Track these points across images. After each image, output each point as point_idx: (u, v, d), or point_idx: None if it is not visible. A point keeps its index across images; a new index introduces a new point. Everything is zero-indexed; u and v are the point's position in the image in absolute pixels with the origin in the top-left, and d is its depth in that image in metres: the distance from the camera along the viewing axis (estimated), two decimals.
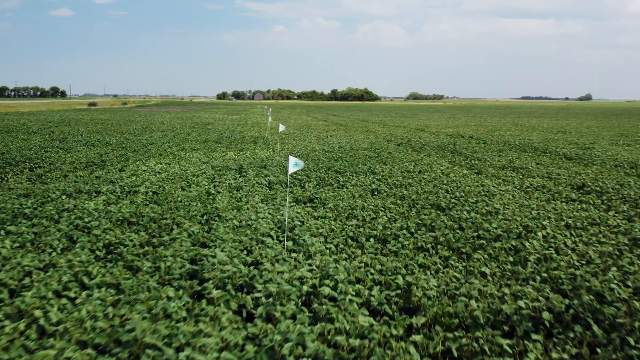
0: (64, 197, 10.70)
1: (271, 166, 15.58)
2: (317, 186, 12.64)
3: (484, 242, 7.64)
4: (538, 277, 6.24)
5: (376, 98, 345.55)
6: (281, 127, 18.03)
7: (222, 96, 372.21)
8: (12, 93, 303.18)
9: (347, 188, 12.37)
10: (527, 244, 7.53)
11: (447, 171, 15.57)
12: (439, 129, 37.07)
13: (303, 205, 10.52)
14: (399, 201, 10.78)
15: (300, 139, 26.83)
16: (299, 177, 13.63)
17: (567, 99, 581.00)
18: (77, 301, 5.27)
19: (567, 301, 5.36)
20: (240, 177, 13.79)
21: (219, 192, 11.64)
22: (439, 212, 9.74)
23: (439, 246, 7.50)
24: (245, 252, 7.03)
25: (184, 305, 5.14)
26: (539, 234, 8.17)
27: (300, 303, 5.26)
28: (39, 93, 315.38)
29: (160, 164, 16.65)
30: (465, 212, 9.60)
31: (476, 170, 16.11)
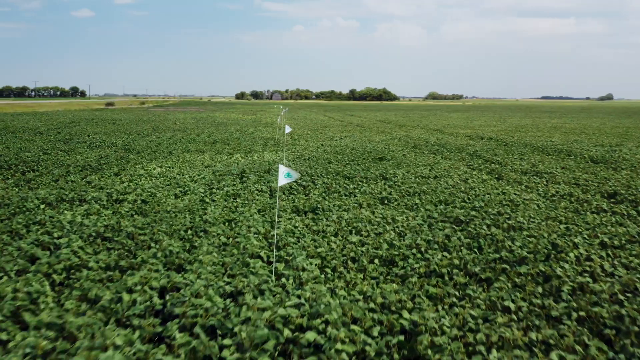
0: (42, 206, 9.77)
1: (276, 170, 14.57)
2: (324, 193, 11.62)
3: (507, 266, 6.53)
4: (574, 314, 5.15)
5: (395, 98, 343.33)
6: (287, 129, 17.01)
7: (241, 96, 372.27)
8: (33, 93, 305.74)
9: (355, 196, 11.34)
10: (557, 268, 6.41)
11: (465, 176, 14.46)
12: (458, 129, 35.83)
13: (304, 215, 9.51)
14: (410, 212, 9.71)
15: (313, 140, 25.81)
16: (304, 183, 12.61)
17: (587, 98, 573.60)
18: (10, 345, 4.30)
19: (611, 354, 4.29)
20: (240, 182, 12.80)
21: (213, 200, 10.66)
22: (454, 226, 8.64)
23: (454, 270, 6.42)
24: (226, 277, 6.02)
25: (134, 354, 4.14)
26: (571, 254, 7.05)
27: (277, 354, 4.23)
28: (58, 93, 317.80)
29: (161, 167, 15.74)
30: (484, 227, 8.49)
31: (496, 175, 14.97)
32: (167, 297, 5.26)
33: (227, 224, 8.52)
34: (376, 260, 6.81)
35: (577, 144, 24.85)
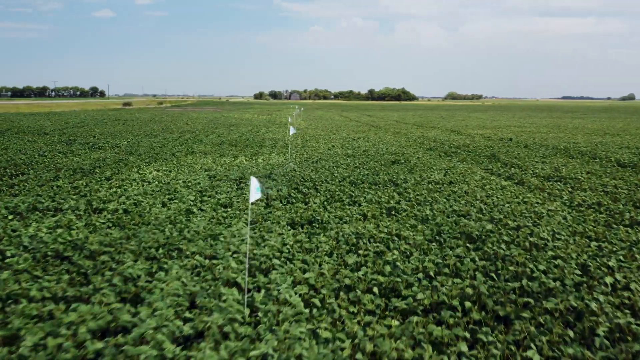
0: (10, 216, 8.83)
1: (278, 175, 13.55)
2: (327, 201, 10.59)
3: (529, 300, 5.42)
4: None
5: (413, 98, 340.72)
6: (292, 130, 15.99)
7: (259, 96, 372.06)
8: (53, 93, 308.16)
9: (359, 205, 10.28)
10: (592, 303, 5.28)
11: (482, 182, 13.32)
12: (476, 130, 34.55)
13: (300, 229, 8.47)
14: (419, 225, 8.62)
15: (325, 142, 24.75)
16: (306, 190, 11.56)
17: (609, 98, 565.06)
18: None
19: None
20: (237, 189, 11.80)
21: (202, 210, 9.66)
22: (468, 244, 7.53)
23: (466, 302, 5.34)
24: (189, 312, 4.99)
25: None
26: (607, 280, 5.94)
27: None
28: (78, 93, 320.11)
29: (158, 170, 14.80)
30: (503, 245, 7.36)
31: (516, 181, 13.81)
32: (101, 344, 4.22)
33: (208, 240, 7.47)
34: (375, 289, 5.74)
35: (602, 146, 23.52)
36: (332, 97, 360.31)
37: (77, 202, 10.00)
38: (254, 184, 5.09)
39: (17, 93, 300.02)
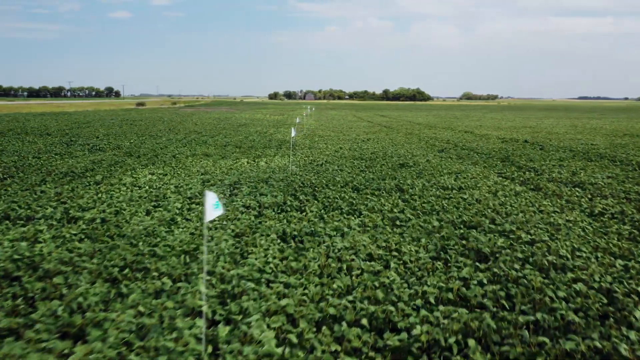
0: None
1: (276, 180, 12.72)
2: (324, 209, 9.77)
3: (545, 339, 4.54)
4: None
5: (428, 98, 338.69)
6: (293, 132, 15.18)
7: (274, 96, 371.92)
8: (68, 93, 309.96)
9: (360, 214, 9.44)
10: (621, 346, 4.40)
11: (494, 188, 12.42)
12: (490, 131, 33.51)
13: (292, 241, 7.64)
14: (423, 238, 7.76)
15: (333, 143, 23.92)
16: (303, 196, 10.73)
17: (626, 98, 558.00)
18: None
19: None
20: (229, 195, 11.01)
21: (187, 219, 8.87)
22: (477, 263, 6.65)
23: (468, 341, 4.48)
24: (134, 354, 4.18)
25: None
26: (637, 314, 5.05)
27: None
28: (94, 93, 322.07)
29: (152, 174, 14.04)
30: (516, 265, 6.48)
31: (532, 187, 12.90)
32: None
33: (182, 257, 6.65)
34: (364, 320, 4.90)
35: (622, 148, 22.46)
36: (347, 97, 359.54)
37: (54, 210, 9.25)
38: (211, 200, 4.29)
39: (33, 93, 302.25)
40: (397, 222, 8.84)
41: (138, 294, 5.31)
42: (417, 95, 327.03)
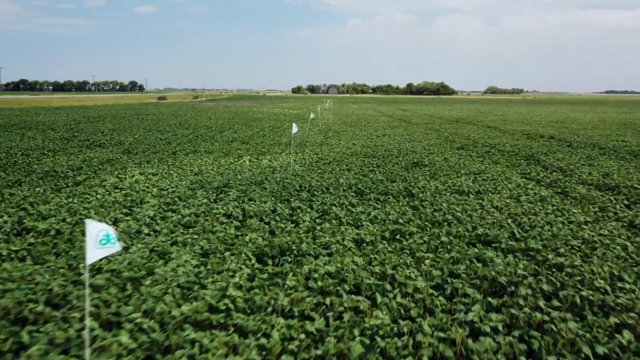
0: None
1: (271, 182, 11.42)
2: (319, 218, 8.48)
3: None
4: None
5: (452, 92, 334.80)
6: (294, 129, 13.88)
7: (297, 90, 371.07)
8: (93, 87, 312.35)
9: (360, 225, 8.12)
10: None
11: (517, 192, 11.00)
12: (514, 125, 31.81)
13: (270, 261, 6.36)
14: (427, 259, 6.41)
15: (347, 139, 22.59)
16: (299, 204, 9.42)
17: None
18: None
19: None
20: (213, 200, 9.75)
21: (155, 231, 7.62)
22: (490, 298, 5.24)
23: None
24: None
25: None
26: None
27: None
28: (117, 87, 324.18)
29: (142, 174, 12.86)
30: (541, 302, 5.08)
31: (559, 190, 11.45)
32: None
33: (124, 287, 5.38)
34: None
35: None
36: (370, 91, 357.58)
37: (8, 218, 8.07)
38: (96, 232, 3.01)
39: (58, 87, 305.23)
40: (399, 236, 7.50)
41: (40, 347, 4.05)
42: (441, 89, 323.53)
